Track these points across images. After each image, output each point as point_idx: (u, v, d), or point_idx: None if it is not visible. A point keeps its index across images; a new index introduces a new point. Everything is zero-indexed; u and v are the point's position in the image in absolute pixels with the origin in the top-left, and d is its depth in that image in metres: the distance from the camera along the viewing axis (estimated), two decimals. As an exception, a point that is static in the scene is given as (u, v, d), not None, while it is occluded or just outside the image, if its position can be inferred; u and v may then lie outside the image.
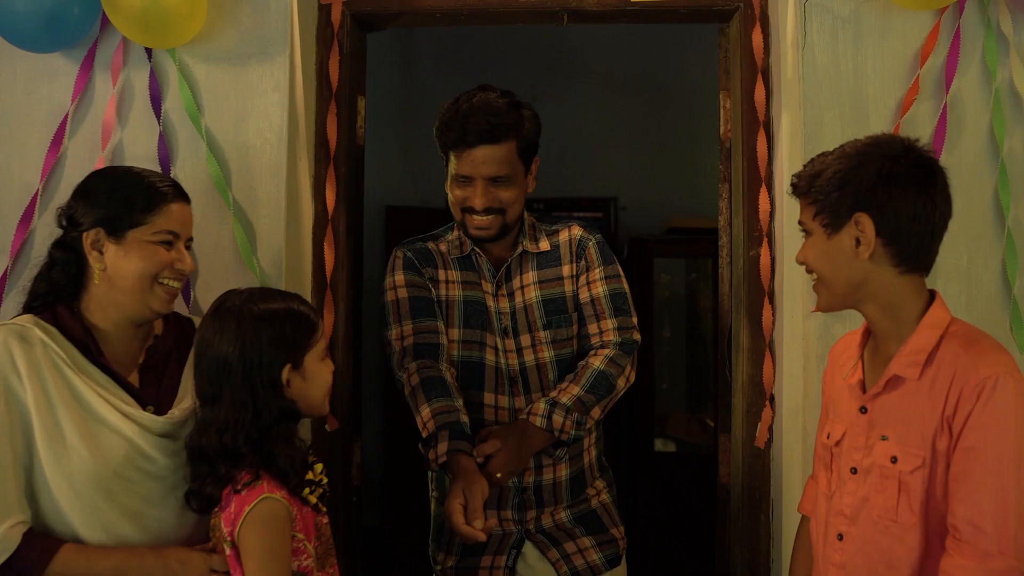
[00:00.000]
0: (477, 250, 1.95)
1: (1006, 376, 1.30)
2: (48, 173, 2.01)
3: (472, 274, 1.96)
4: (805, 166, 1.47)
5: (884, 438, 1.39)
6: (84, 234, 1.55)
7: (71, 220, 1.58)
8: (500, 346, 1.92)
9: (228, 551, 1.41)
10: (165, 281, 1.58)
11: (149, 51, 2.01)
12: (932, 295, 1.43)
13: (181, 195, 1.63)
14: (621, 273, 1.98)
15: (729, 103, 2.20)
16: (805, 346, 1.94)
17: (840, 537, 1.43)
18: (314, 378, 1.51)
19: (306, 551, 1.43)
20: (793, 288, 1.98)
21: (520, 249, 1.96)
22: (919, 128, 1.93)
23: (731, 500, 2.16)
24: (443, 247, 1.99)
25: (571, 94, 4.29)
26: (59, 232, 1.62)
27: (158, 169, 1.93)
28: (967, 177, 1.93)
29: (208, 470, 1.44)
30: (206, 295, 1.98)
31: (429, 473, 2.03)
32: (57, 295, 1.57)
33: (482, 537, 1.62)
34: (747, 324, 2.07)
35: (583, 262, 1.96)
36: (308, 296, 2.07)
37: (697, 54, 3.42)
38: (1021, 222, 1.92)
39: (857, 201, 1.37)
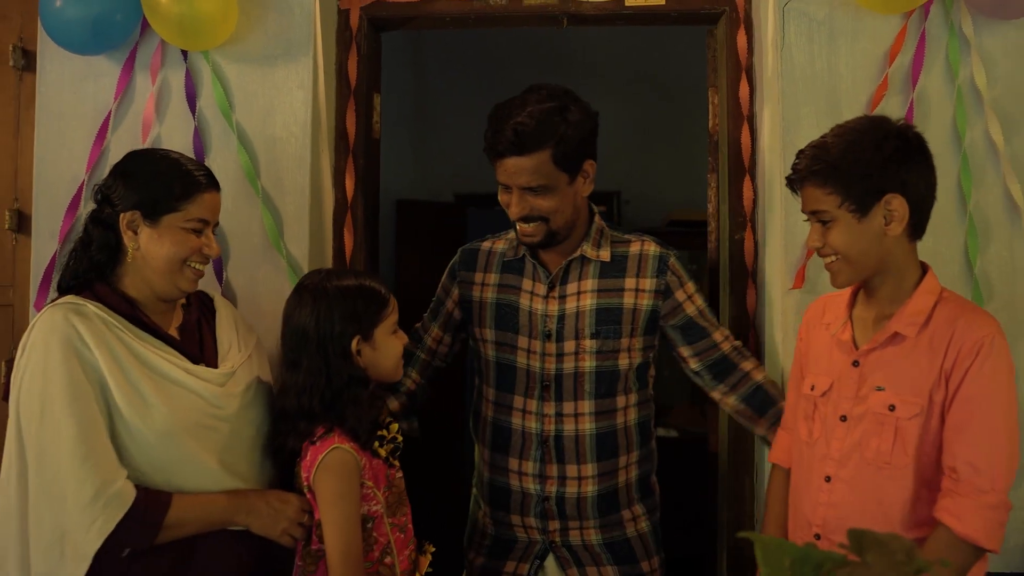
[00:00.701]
0: (529, 254, 1.94)
1: (998, 336, 1.49)
2: (93, 165, 2.20)
3: (514, 277, 1.95)
4: (806, 158, 1.56)
5: (880, 388, 1.55)
6: (121, 214, 1.62)
7: (108, 199, 1.65)
8: (539, 349, 1.90)
9: (307, 496, 1.59)
10: (193, 264, 1.67)
11: (185, 53, 2.20)
12: (923, 265, 1.61)
13: (214, 184, 1.71)
14: None
15: (716, 99, 2.38)
16: (784, 322, 2.11)
17: (828, 479, 1.58)
18: (383, 349, 1.68)
19: (375, 498, 1.60)
20: (774, 269, 2.15)
21: (579, 254, 1.91)
22: (888, 121, 2.10)
23: (718, 465, 2.34)
24: (500, 245, 2.01)
25: (595, 58, 4.46)
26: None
27: None
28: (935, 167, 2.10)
29: (289, 427, 1.62)
30: (237, 277, 2.17)
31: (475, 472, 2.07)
32: (98, 272, 1.64)
33: None
34: (732, 303, 2.25)
35: (670, 277, 1.92)
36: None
37: (694, 54, 3.59)
38: (981, 207, 2.10)
39: (884, 182, 1.50)
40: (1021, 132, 2.10)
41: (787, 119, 2.12)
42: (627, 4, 2.31)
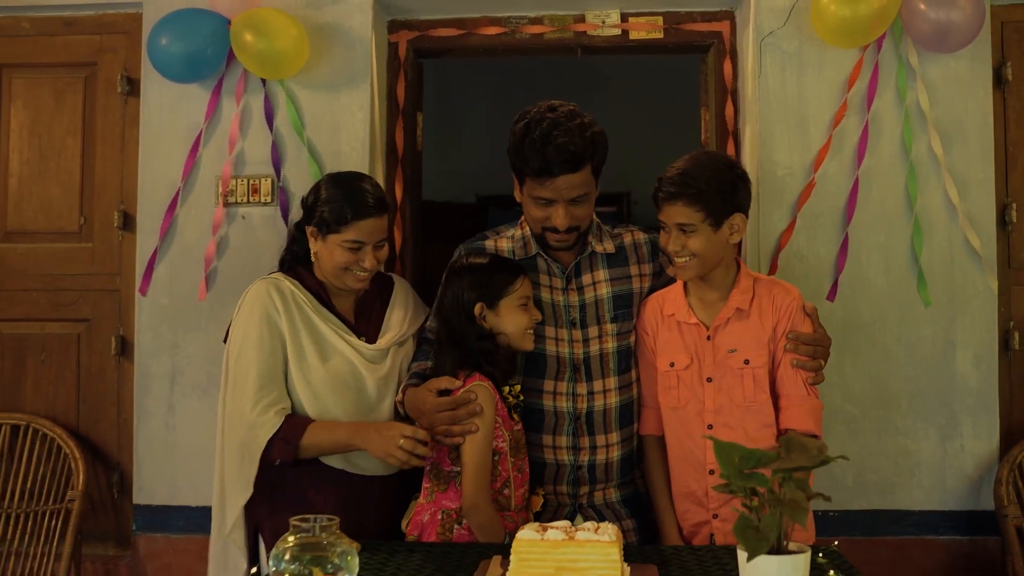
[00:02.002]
0: (542, 252, 2.13)
1: (800, 297, 2.01)
2: (187, 174, 2.66)
3: (531, 274, 2.09)
4: (676, 184, 1.93)
5: (732, 351, 1.98)
6: (306, 226, 2.11)
7: (303, 211, 2.13)
8: (566, 337, 2.09)
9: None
10: (354, 271, 2.07)
11: (263, 81, 2.64)
12: (737, 259, 2.06)
13: (377, 211, 2.07)
14: None
15: (707, 116, 2.82)
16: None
17: (710, 426, 1.98)
18: (507, 318, 1.98)
19: (502, 436, 1.97)
20: (751, 260, 2.58)
21: (589, 250, 2.13)
22: (847, 137, 2.54)
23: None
24: (504, 244, 2.18)
25: (588, 105, 4.89)
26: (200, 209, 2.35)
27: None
28: (884, 175, 2.54)
29: (446, 371, 1.99)
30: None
31: None
32: (297, 260, 2.15)
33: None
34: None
35: (661, 258, 2.14)
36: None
37: (690, 78, 4.03)
38: (925, 208, 2.53)
39: (733, 204, 1.96)
40: (957, 146, 2.54)
41: (763, 135, 2.56)
42: (631, 37, 2.75)
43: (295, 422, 1.98)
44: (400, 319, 2.19)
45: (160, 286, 2.67)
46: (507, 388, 2.01)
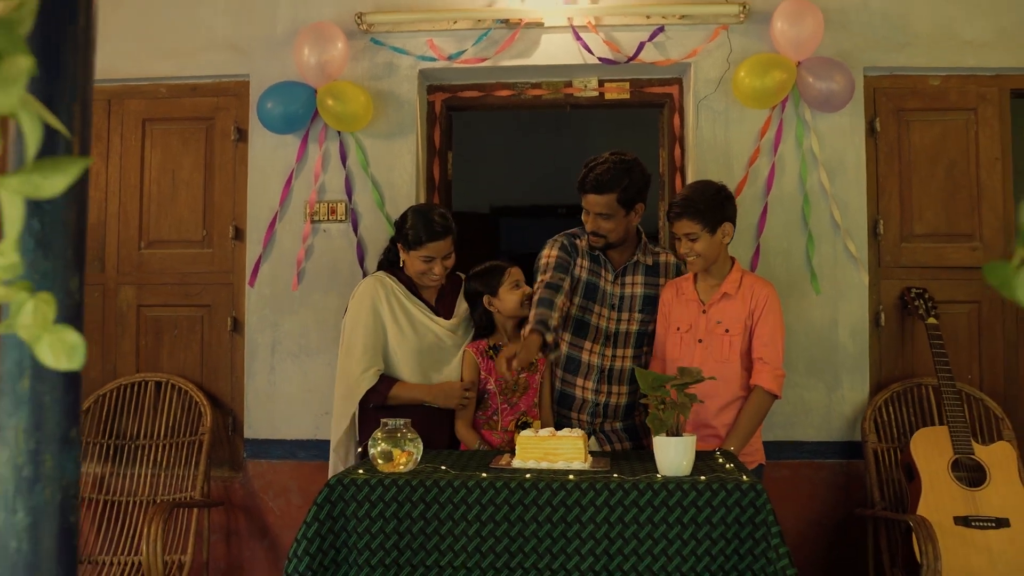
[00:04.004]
0: (602, 253, 3.03)
1: (774, 292, 2.92)
2: (283, 200, 3.66)
3: (596, 266, 3.02)
4: (682, 205, 2.91)
5: (719, 322, 2.92)
6: (397, 242, 2.99)
7: (397, 229, 3.01)
8: (606, 315, 3.01)
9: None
10: (428, 275, 2.92)
11: (339, 132, 3.65)
12: (731, 257, 3.01)
13: (444, 234, 2.91)
14: None
15: (663, 155, 3.80)
16: (699, 292, 3.53)
17: None
18: (504, 299, 2.93)
19: (489, 381, 2.94)
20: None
21: (636, 259, 3.05)
22: (760, 173, 3.52)
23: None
24: (581, 243, 3.05)
25: (587, 128, 5.92)
26: (295, 224, 3.33)
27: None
28: (787, 200, 3.52)
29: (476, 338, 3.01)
30: (372, 265, 3.60)
31: None
32: (391, 264, 3.04)
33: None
34: (670, 282, 3.67)
35: None
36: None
37: (653, 124, 5.00)
38: (816, 224, 3.50)
39: (723, 216, 2.90)
40: (840, 179, 3.51)
41: (700, 171, 3.54)
42: (607, 97, 3.74)
43: (387, 380, 2.90)
44: (466, 306, 3.08)
45: (263, 280, 3.67)
46: (491, 349, 2.97)
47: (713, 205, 2.88)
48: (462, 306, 3.09)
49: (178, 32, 3.72)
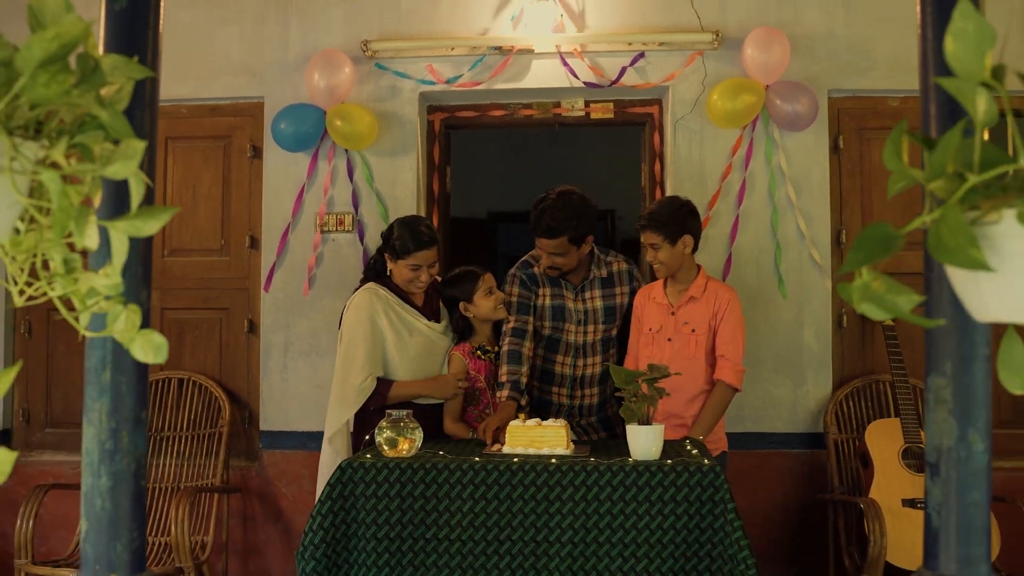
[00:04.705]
0: (562, 276, 3.32)
1: (735, 295, 3.24)
2: (295, 212, 3.98)
3: (557, 289, 3.34)
4: (645, 216, 3.24)
5: (686, 323, 3.25)
6: (385, 252, 3.21)
7: (382, 240, 3.30)
8: (573, 330, 3.33)
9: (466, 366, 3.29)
10: (415, 283, 3.17)
11: (347, 150, 3.97)
12: (697, 265, 3.33)
13: (430, 244, 3.13)
14: None
15: (645, 170, 4.13)
16: (677, 297, 3.85)
17: None
18: (480, 304, 3.21)
19: (479, 379, 3.25)
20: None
21: (591, 276, 3.34)
22: (732, 187, 3.84)
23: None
24: (538, 270, 3.34)
25: (579, 139, 6.24)
26: (306, 234, 3.61)
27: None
28: (757, 213, 3.84)
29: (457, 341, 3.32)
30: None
31: None
32: (377, 274, 3.24)
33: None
34: (651, 286, 4.00)
35: (634, 283, 3.40)
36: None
37: (636, 141, 5.31)
38: (783, 234, 3.82)
39: (684, 229, 3.22)
40: (806, 192, 3.83)
41: (677, 185, 3.86)
42: (592, 116, 4.07)
43: (385, 382, 3.16)
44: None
45: (277, 286, 3.99)
46: (480, 351, 3.28)
47: (675, 219, 3.19)
48: (445, 311, 3.40)
49: (198, 58, 4.04)
